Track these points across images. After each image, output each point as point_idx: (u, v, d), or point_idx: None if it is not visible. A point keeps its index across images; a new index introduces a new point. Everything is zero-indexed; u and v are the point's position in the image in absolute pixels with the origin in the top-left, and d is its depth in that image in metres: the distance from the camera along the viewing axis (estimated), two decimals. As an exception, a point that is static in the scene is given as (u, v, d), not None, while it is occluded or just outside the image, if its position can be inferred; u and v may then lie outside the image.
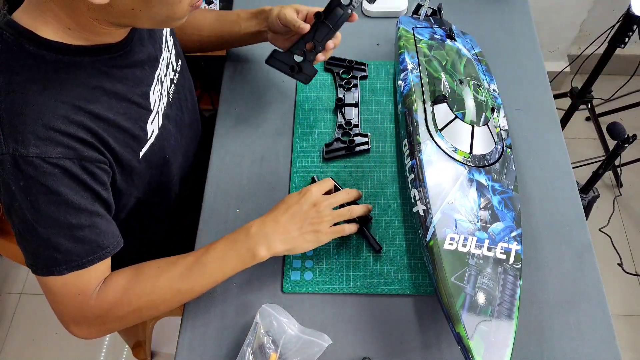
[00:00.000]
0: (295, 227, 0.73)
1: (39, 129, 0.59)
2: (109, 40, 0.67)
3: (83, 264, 0.65)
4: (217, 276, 0.72)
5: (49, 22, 0.61)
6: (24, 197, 0.61)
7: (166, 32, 0.84)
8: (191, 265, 0.71)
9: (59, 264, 0.64)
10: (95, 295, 0.68)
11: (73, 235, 0.64)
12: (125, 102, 0.71)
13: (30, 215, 0.62)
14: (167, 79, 0.83)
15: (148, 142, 0.76)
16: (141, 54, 0.74)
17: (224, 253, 0.72)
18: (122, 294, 0.69)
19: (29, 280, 1.71)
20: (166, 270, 0.71)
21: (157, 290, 0.70)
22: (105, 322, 0.71)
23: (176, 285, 0.71)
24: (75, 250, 0.64)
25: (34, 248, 0.64)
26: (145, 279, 0.71)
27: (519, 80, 1.03)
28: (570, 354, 0.74)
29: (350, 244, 0.83)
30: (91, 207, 0.65)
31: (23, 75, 0.60)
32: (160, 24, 0.66)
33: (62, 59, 0.63)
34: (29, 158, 0.59)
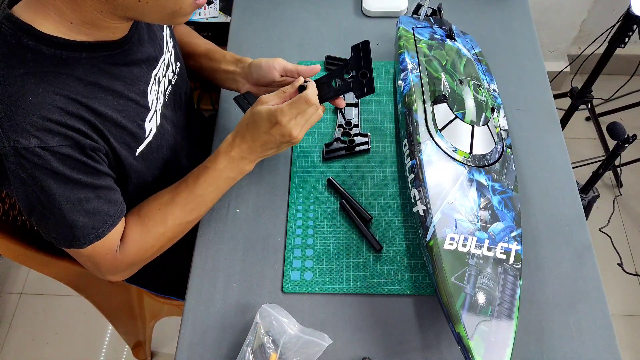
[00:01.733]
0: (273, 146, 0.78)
1: (37, 121, 0.60)
2: (109, 36, 0.67)
3: (99, 235, 0.70)
4: (215, 198, 0.81)
5: (50, 16, 0.61)
6: (34, 182, 0.63)
7: (166, 33, 0.84)
8: (190, 198, 0.78)
9: (78, 239, 0.69)
10: (119, 252, 0.75)
11: (84, 209, 0.68)
12: (122, 99, 0.71)
13: (44, 198, 0.65)
14: (165, 79, 0.83)
15: (146, 140, 0.76)
16: (140, 54, 0.74)
17: (215, 180, 0.78)
18: (141, 241, 0.76)
19: (29, 280, 1.71)
20: (169, 212, 0.77)
21: (169, 229, 0.78)
22: (135, 265, 0.79)
23: (184, 217, 0.78)
24: (90, 224, 0.69)
25: (54, 228, 0.69)
26: (154, 224, 0.77)
27: (519, 80, 1.03)
28: (570, 354, 0.74)
29: (350, 244, 0.83)
30: (96, 181, 0.69)
31: (20, 69, 0.61)
32: (166, 19, 0.66)
33: (60, 54, 0.63)
34: (30, 149, 0.60)
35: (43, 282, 1.69)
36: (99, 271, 0.78)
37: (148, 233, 0.77)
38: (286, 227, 0.86)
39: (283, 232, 0.85)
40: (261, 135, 0.76)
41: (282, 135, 0.75)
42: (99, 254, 0.73)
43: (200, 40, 0.99)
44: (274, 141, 0.76)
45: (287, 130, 0.75)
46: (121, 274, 0.80)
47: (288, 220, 0.86)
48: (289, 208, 0.88)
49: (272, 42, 1.10)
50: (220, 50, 0.96)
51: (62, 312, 1.65)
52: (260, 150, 0.78)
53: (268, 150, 0.78)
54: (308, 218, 0.86)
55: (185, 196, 0.78)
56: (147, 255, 0.79)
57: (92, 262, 0.75)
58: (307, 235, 0.85)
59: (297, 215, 0.87)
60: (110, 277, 0.79)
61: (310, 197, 0.88)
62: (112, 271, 0.78)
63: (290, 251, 0.83)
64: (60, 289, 1.62)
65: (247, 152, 0.78)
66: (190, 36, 1.00)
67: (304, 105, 0.74)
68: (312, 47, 1.09)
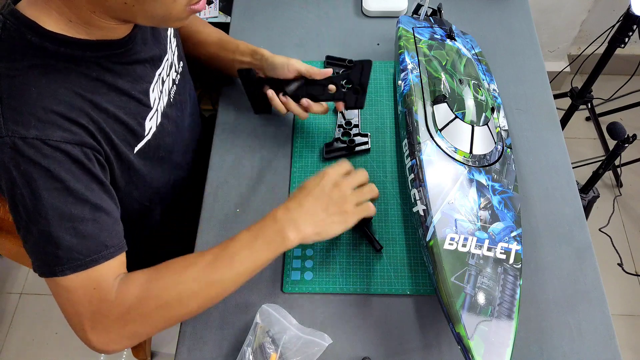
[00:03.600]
0: (321, 209, 0.70)
1: (39, 112, 0.59)
2: (111, 36, 0.67)
3: (86, 263, 0.62)
4: (247, 265, 0.67)
5: (52, 14, 0.62)
6: (25, 183, 0.59)
7: (170, 33, 0.84)
8: (218, 255, 0.67)
9: (62, 262, 0.61)
10: (116, 291, 0.63)
11: (75, 228, 0.61)
12: (125, 97, 0.71)
13: (32, 204, 0.59)
14: (169, 79, 0.83)
15: (145, 139, 0.76)
16: (143, 53, 0.74)
17: (251, 241, 0.68)
18: (146, 286, 0.64)
19: (29, 280, 1.71)
20: (192, 263, 0.66)
21: (183, 281, 0.65)
22: (128, 322, 0.64)
23: (204, 276, 0.65)
24: (77, 247, 0.61)
25: (37, 244, 0.61)
26: (170, 272, 0.66)
27: (519, 80, 1.03)
28: (570, 354, 0.74)
29: (350, 244, 0.83)
30: (95, 199, 0.63)
31: (25, 62, 0.61)
32: (159, 22, 0.66)
33: (64, 51, 0.63)
34: (28, 140, 0.58)
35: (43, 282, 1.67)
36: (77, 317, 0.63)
37: (159, 277, 0.65)
38: (286, 227, 0.86)
39: (283, 232, 0.85)
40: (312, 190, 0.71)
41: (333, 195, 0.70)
42: (83, 289, 0.61)
43: (210, 28, 0.98)
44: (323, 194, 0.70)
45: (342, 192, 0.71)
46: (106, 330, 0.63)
47: (288, 220, 0.86)
48: (289, 208, 0.87)
49: (272, 42, 1.10)
50: (233, 40, 0.95)
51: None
52: (307, 210, 0.69)
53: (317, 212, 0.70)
54: (308, 218, 0.86)
55: (214, 252, 0.67)
56: (147, 309, 0.64)
57: (72, 301, 0.62)
58: (307, 235, 0.84)
59: (297, 215, 0.87)
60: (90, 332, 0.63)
61: (310, 197, 0.88)
62: (95, 320, 0.63)
63: (290, 251, 0.83)
64: (60, 289, 1.62)
65: (295, 213, 0.69)
66: (199, 24, 0.99)
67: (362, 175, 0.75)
68: (312, 47, 1.09)
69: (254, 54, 0.91)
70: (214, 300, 0.68)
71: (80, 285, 0.62)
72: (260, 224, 0.69)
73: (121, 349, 0.65)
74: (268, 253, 0.68)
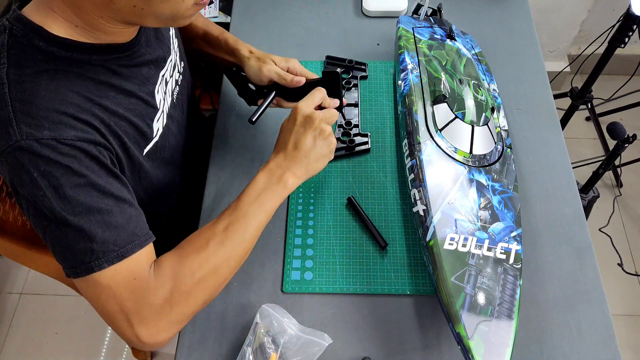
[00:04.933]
0: (304, 149, 0.73)
1: (52, 114, 0.59)
2: (117, 39, 0.67)
3: (122, 253, 0.61)
4: (260, 218, 0.71)
5: (58, 19, 0.62)
6: (47, 183, 0.58)
7: (172, 33, 0.84)
8: (231, 220, 0.69)
9: (98, 256, 0.60)
10: (153, 277, 0.64)
11: (105, 221, 0.61)
12: (133, 99, 0.71)
13: (58, 204, 0.59)
14: (172, 79, 0.84)
15: (153, 140, 0.76)
16: (148, 55, 0.74)
17: (257, 196, 0.71)
18: (179, 266, 0.65)
19: (29, 280, 1.71)
20: (211, 234, 0.68)
21: (211, 253, 0.67)
22: (173, 305, 0.64)
23: (227, 242, 0.68)
24: (112, 238, 0.61)
25: (69, 244, 0.60)
26: (196, 248, 0.67)
27: (519, 80, 1.03)
28: (570, 354, 0.74)
29: (350, 244, 0.84)
30: (117, 192, 0.63)
31: (33, 68, 0.61)
32: (166, 22, 0.66)
33: (71, 56, 0.63)
34: (43, 140, 0.58)
35: (43, 282, 1.69)
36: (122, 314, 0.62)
37: (188, 254, 0.66)
38: (286, 227, 0.86)
39: (283, 232, 0.85)
40: (292, 136, 0.74)
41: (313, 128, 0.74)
42: (125, 281, 0.61)
43: (199, 21, 0.97)
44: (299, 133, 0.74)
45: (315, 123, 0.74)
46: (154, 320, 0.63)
47: (288, 220, 0.86)
48: (289, 208, 0.87)
49: (272, 42, 1.10)
50: (218, 34, 0.94)
51: (62, 312, 1.65)
52: (296, 155, 0.73)
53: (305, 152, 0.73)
54: (308, 218, 0.86)
55: (228, 218, 0.69)
56: (187, 287, 0.65)
57: (114, 297, 0.61)
58: (307, 235, 0.85)
59: (297, 215, 0.87)
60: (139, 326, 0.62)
61: (310, 197, 0.88)
62: (141, 312, 0.62)
63: (290, 251, 0.83)
64: (60, 289, 1.62)
65: (284, 160, 0.73)
66: None
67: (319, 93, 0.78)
68: (312, 47, 1.09)
69: (235, 53, 0.90)
70: (244, 257, 0.71)
71: (120, 277, 0.61)
72: (259, 180, 0.73)
73: (171, 336, 0.66)
74: (275, 201, 0.72)
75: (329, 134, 0.75)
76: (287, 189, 0.72)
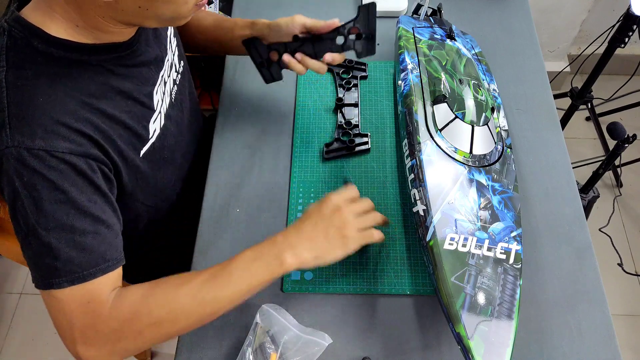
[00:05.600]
0: (320, 234, 0.69)
1: (47, 122, 0.59)
2: (117, 39, 0.68)
3: (84, 276, 0.61)
4: (242, 286, 0.66)
5: (58, 19, 0.62)
6: (27, 193, 0.58)
7: (170, 33, 0.84)
8: (215, 273, 0.66)
9: (59, 275, 0.60)
10: (110, 306, 0.63)
11: (74, 241, 0.60)
12: (130, 101, 0.71)
13: (33, 215, 0.59)
14: (170, 79, 0.84)
15: (149, 142, 0.76)
16: (147, 55, 0.74)
17: (249, 262, 0.67)
18: (140, 302, 0.63)
19: (29, 280, 1.71)
20: (187, 280, 0.66)
21: (178, 298, 0.64)
22: (120, 338, 0.63)
23: (199, 293, 0.64)
24: (76, 260, 0.60)
25: (35, 255, 0.61)
26: (166, 287, 0.65)
27: (519, 80, 1.03)
28: (570, 354, 0.74)
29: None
30: (97, 212, 0.63)
31: (32, 70, 0.60)
32: (166, 22, 0.66)
33: (70, 57, 0.63)
34: (34, 150, 0.58)
35: (43, 282, 1.69)
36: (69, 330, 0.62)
37: (155, 292, 0.64)
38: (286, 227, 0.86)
39: (283, 232, 0.85)
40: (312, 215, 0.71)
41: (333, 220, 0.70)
42: (78, 303, 0.61)
43: (204, 12, 0.96)
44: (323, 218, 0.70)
45: (343, 217, 0.70)
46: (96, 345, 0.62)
47: (288, 220, 0.86)
48: (289, 208, 0.87)
49: (272, 42, 1.10)
50: (230, 18, 0.93)
51: (62, 312, 1.64)
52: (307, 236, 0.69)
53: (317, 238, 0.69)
54: (308, 218, 0.86)
55: (212, 271, 0.66)
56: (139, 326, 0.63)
57: (65, 314, 0.61)
58: (307, 235, 0.84)
59: (297, 215, 0.87)
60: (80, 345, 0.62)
61: (310, 197, 0.88)
62: (87, 334, 0.62)
63: (290, 251, 0.83)
64: (60, 289, 1.62)
65: (293, 236, 0.69)
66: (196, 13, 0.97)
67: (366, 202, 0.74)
68: (312, 47, 1.08)
69: (253, 26, 0.88)
70: (208, 318, 0.67)
71: (76, 298, 0.61)
72: (260, 247, 0.69)
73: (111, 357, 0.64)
74: (265, 275, 0.67)
75: (352, 238, 0.70)
76: (283, 268, 0.67)
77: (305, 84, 1.03)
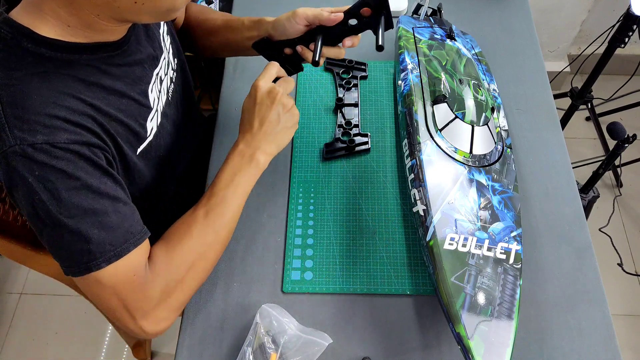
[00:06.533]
0: (272, 123, 0.75)
1: (43, 118, 0.59)
2: (108, 38, 0.67)
3: (119, 253, 0.63)
4: (237, 200, 0.74)
5: (47, 19, 0.62)
6: (42, 188, 0.59)
7: (163, 30, 0.84)
8: (209, 207, 0.72)
9: (95, 257, 0.62)
10: (149, 271, 0.67)
11: (101, 222, 0.62)
12: (125, 99, 0.71)
13: (54, 207, 0.60)
14: (167, 77, 0.83)
15: (147, 140, 0.76)
16: (139, 53, 0.74)
17: (232, 179, 0.74)
18: (168, 258, 0.68)
19: (29, 280, 1.71)
20: (192, 222, 0.72)
21: (196, 240, 0.71)
22: (170, 294, 0.68)
23: (209, 227, 0.72)
24: (108, 239, 0.62)
25: (66, 245, 0.62)
26: (180, 237, 0.71)
27: (519, 80, 1.03)
28: (570, 354, 0.74)
29: (350, 244, 0.83)
30: (112, 192, 0.64)
31: (22, 70, 0.61)
32: (161, 16, 0.66)
33: (60, 57, 0.63)
34: (37, 145, 0.58)
35: (43, 282, 1.69)
36: (124, 310, 0.65)
37: (174, 249, 0.69)
38: (286, 227, 0.86)
39: (283, 232, 0.85)
40: (255, 115, 0.76)
41: (275, 105, 0.75)
42: (124, 278, 0.64)
43: (215, 14, 0.96)
44: (263, 110, 0.75)
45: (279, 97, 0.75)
46: (154, 312, 0.66)
47: (288, 220, 0.86)
48: (289, 208, 0.88)
49: (272, 42, 1.10)
50: (237, 18, 0.93)
51: (62, 312, 1.65)
52: (263, 132, 0.75)
53: (271, 129, 0.75)
54: (308, 218, 0.86)
55: (206, 204, 0.72)
56: (179, 275, 0.69)
57: (118, 295, 0.64)
58: (307, 235, 0.85)
59: (297, 215, 0.87)
60: (141, 319, 0.66)
61: (310, 197, 0.88)
62: (142, 306, 0.65)
63: (290, 251, 0.83)
64: (60, 289, 1.62)
65: (252, 140, 0.75)
66: (204, 13, 0.97)
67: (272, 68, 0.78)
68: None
69: (258, 27, 0.87)
70: (228, 238, 0.74)
71: (118, 275, 0.64)
72: (232, 162, 0.75)
73: (171, 323, 0.70)
74: (250, 182, 0.75)
75: (292, 106, 0.77)
76: (260, 167, 0.75)
77: (305, 84, 1.03)
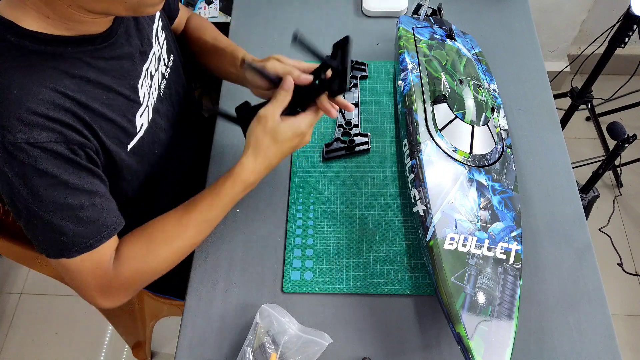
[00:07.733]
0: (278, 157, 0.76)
1: (23, 115, 0.59)
2: (91, 30, 0.67)
3: (91, 244, 0.67)
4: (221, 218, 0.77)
5: (29, 12, 0.61)
6: (21, 183, 0.61)
7: (157, 25, 0.83)
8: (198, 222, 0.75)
9: (68, 247, 0.65)
10: (112, 267, 0.70)
11: (76, 217, 0.65)
12: (112, 94, 0.70)
13: (31, 201, 0.62)
14: (157, 73, 0.82)
15: (137, 136, 0.76)
16: (127, 47, 0.73)
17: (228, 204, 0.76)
18: (139, 264, 0.72)
19: (29, 280, 1.71)
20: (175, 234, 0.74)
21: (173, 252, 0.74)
22: (129, 288, 0.73)
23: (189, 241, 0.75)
24: (81, 232, 0.66)
25: (42, 234, 0.65)
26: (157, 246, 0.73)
27: (519, 80, 1.03)
28: (570, 354, 0.74)
29: (350, 244, 0.83)
30: (89, 186, 0.66)
31: (5, 63, 0.60)
32: (134, 10, 0.64)
33: (44, 49, 0.63)
34: (17, 144, 0.59)
35: (43, 282, 1.69)
36: (87, 290, 0.71)
37: (149, 254, 0.73)
38: (286, 227, 0.86)
39: (283, 232, 0.85)
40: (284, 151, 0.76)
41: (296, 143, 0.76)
42: (91, 266, 0.68)
43: (207, 35, 0.95)
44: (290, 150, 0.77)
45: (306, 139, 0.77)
46: (112, 298, 0.72)
47: (288, 220, 0.86)
48: (289, 208, 0.88)
49: (272, 42, 1.10)
50: (225, 46, 0.92)
51: (62, 312, 1.65)
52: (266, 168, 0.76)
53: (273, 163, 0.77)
54: (308, 218, 0.86)
55: (195, 218, 0.74)
56: (144, 278, 0.74)
57: (80, 279, 0.69)
58: (307, 235, 0.85)
59: (297, 215, 0.87)
60: (100, 299, 0.71)
61: (310, 197, 0.88)
62: (102, 288, 0.71)
63: (290, 251, 0.83)
64: (60, 289, 1.62)
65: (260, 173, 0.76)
66: (199, 31, 0.97)
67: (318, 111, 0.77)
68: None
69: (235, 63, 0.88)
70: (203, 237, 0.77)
71: (85, 264, 0.68)
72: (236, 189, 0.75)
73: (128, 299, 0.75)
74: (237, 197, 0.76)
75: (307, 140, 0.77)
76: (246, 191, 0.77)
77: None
